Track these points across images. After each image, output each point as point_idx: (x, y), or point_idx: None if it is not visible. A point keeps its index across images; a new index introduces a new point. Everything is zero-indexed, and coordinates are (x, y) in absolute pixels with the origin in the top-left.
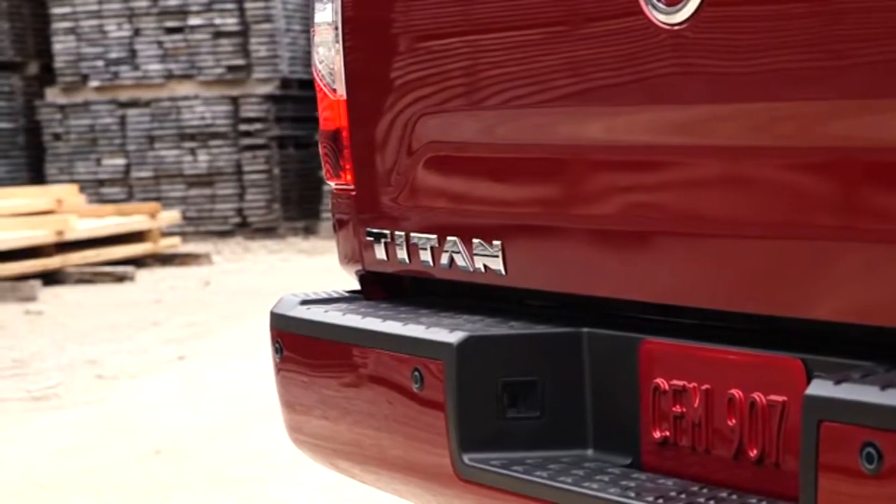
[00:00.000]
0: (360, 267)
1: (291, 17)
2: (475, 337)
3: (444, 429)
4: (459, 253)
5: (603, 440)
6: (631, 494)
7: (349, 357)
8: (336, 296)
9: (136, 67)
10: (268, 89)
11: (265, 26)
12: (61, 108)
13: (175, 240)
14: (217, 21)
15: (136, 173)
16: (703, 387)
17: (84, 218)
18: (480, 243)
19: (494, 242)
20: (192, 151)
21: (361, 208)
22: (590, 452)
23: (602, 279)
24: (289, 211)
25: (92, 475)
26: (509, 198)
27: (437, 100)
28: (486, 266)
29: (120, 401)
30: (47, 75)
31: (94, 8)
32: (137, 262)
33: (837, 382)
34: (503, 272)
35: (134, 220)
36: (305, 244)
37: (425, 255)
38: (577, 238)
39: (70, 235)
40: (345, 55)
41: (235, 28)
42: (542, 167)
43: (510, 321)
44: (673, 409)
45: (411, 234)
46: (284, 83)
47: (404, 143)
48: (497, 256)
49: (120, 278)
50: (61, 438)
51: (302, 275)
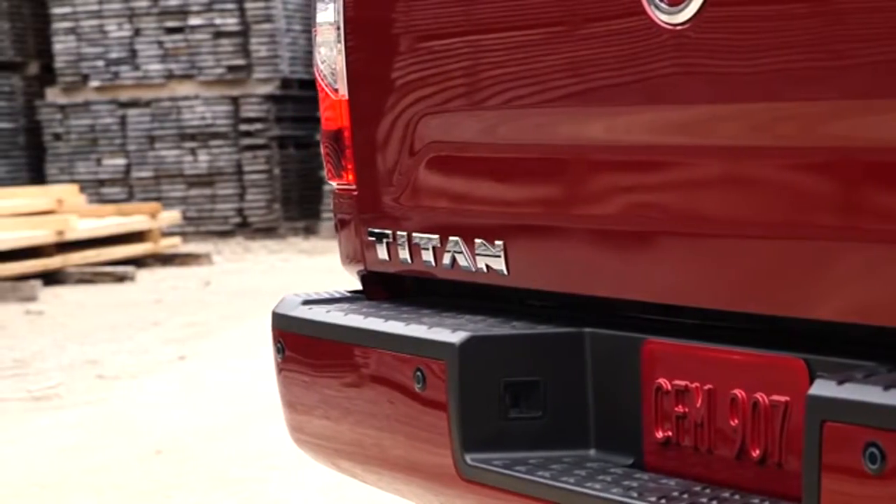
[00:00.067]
0: (362, 267)
1: (292, 17)
2: (477, 337)
3: (447, 429)
4: (461, 253)
5: (605, 440)
6: (633, 494)
7: (351, 357)
8: (338, 296)
9: (136, 67)
10: (268, 89)
11: (265, 26)
12: (62, 108)
13: (175, 240)
14: (217, 21)
15: (136, 173)
16: (706, 387)
17: (84, 218)
18: (483, 243)
19: (497, 242)
20: (192, 151)
21: (363, 208)
22: (592, 452)
23: (604, 279)
24: (289, 211)
25: (93, 475)
26: (512, 198)
27: (440, 100)
28: (488, 266)
29: (120, 401)
30: (48, 75)
31: (94, 8)
32: (138, 262)
33: (840, 382)
34: (505, 272)
35: (134, 220)
36: (306, 244)
37: (427, 255)
38: (580, 238)
39: (70, 235)
40: (347, 55)
41: (236, 28)
42: (544, 167)
43: (512, 321)
44: (675, 409)
45: (413, 234)
46: (285, 83)
47: (406, 143)
48: (499, 256)
49: (120, 278)
50: (62, 438)
51: (302, 275)
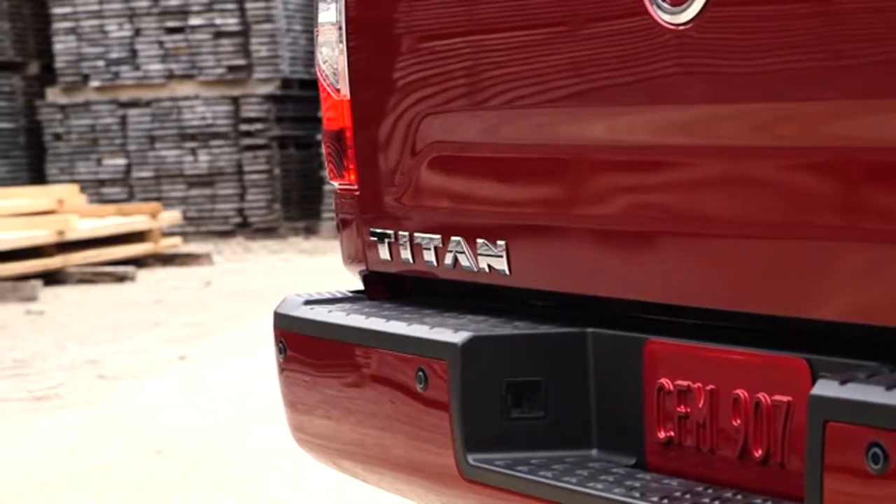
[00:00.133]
0: (363, 267)
1: (292, 17)
2: (479, 337)
3: (449, 429)
4: (463, 253)
5: (607, 440)
6: (636, 494)
7: (353, 357)
8: (339, 296)
9: (136, 67)
10: (268, 89)
11: (266, 26)
12: (62, 108)
13: (176, 240)
14: (218, 21)
15: (136, 173)
16: (708, 387)
17: (85, 218)
18: (484, 243)
19: (499, 242)
20: (192, 151)
21: (365, 208)
22: (594, 452)
23: (606, 279)
24: (289, 211)
25: (93, 475)
26: (514, 198)
27: (441, 100)
28: (490, 266)
29: (121, 401)
30: (48, 75)
31: (94, 8)
32: (138, 262)
33: (843, 382)
34: (507, 272)
35: (135, 220)
36: (306, 244)
37: (429, 255)
38: (582, 238)
39: (71, 235)
40: (348, 55)
41: (236, 28)
42: (546, 167)
43: (514, 321)
44: (677, 409)
45: (415, 234)
46: (285, 83)
47: (408, 143)
48: (501, 256)
49: (121, 278)
50: (63, 438)
51: (303, 275)
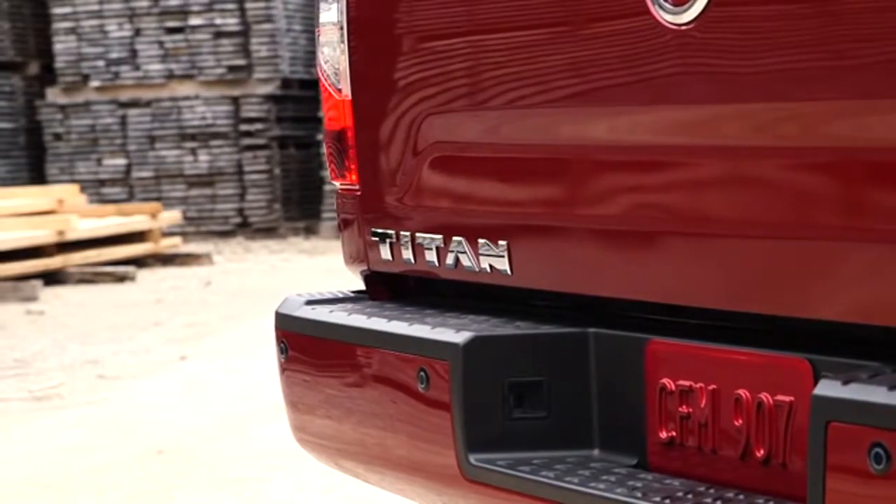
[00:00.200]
0: (365, 267)
1: (292, 17)
2: (481, 337)
3: (450, 429)
4: (465, 253)
5: (609, 440)
6: (638, 494)
7: (354, 357)
8: (341, 296)
9: (136, 67)
10: (269, 89)
11: (266, 26)
12: (62, 108)
13: (176, 240)
14: (218, 21)
15: (136, 173)
16: (710, 387)
17: (85, 218)
18: (486, 243)
19: (500, 242)
20: (192, 151)
21: (366, 208)
22: (596, 453)
23: (608, 279)
24: (290, 211)
25: (94, 475)
26: (515, 198)
27: (443, 100)
28: (491, 266)
29: (122, 401)
30: (48, 75)
31: (94, 8)
32: (138, 262)
33: (845, 383)
34: (509, 272)
35: (135, 220)
36: (306, 244)
37: (431, 256)
38: (584, 238)
39: (71, 235)
40: (350, 55)
41: (236, 28)
42: (548, 167)
43: (516, 321)
44: (679, 409)
45: (417, 234)
46: (285, 83)
47: (409, 143)
48: (503, 256)
49: (121, 278)
50: (63, 438)
51: (303, 275)
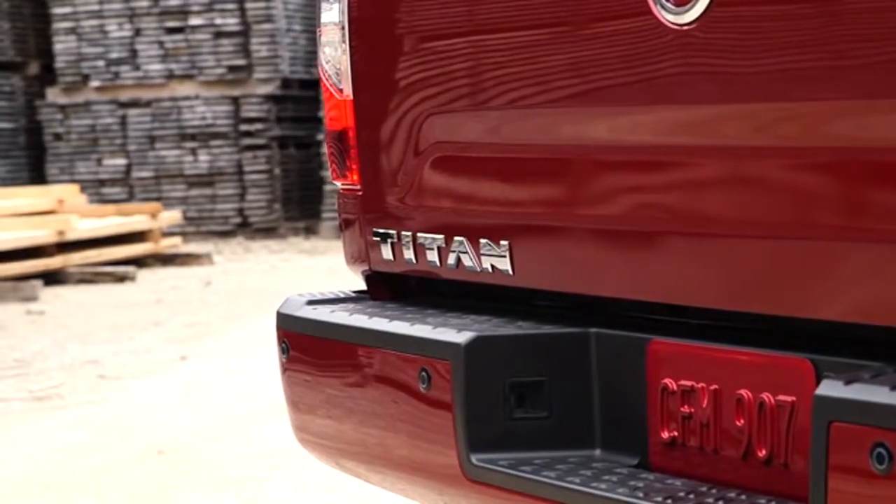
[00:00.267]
0: (366, 267)
1: (292, 17)
2: (483, 337)
3: (452, 429)
4: (466, 253)
5: (611, 440)
6: (639, 494)
7: (356, 357)
8: (342, 296)
9: (136, 67)
10: (269, 89)
11: (266, 26)
12: (62, 108)
13: (176, 240)
14: (218, 21)
15: (136, 173)
16: (712, 387)
17: (85, 218)
18: (488, 243)
19: (502, 242)
20: (192, 151)
21: (368, 208)
22: (597, 452)
23: (610, 279)
24: (290, 211)
25: (94, 475)
26: (517, 198)
27: (445, 100)
28: (493, 266)
29: (122, 401)
30: (48, 75)
31: (94, 8)
32: (138, 262)
33: (847, 383)
34: (510, 272)
35: (135, 220)
36: (306, 244)
37: (432, 256)
38: (585, 238)
39: (71, 235)
40: (351, 55)
41: (236, 28)
42: (550, 167)
43: (518, 321)
44: (681, 409)
45: (418, 234)
46: (285, 83)
47: (411, 143)
48: (504, 256)
49: (121, 278)
50: (64, 438)
51: (303, 275)
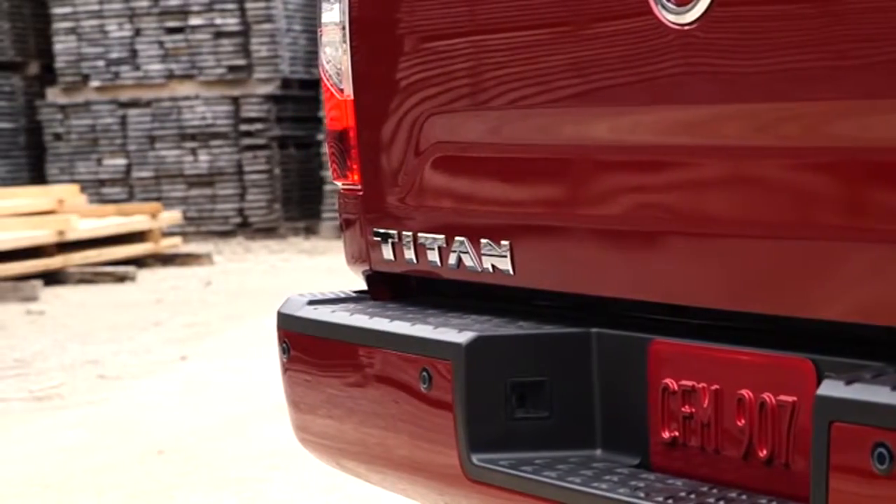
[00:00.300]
0: (367, 267)
1: (292, 17)
2: (484, 337)
3: (453, 429)
4: (467, 253)
5: (611, 440)
6: (640, 494)
7: (357, 357)
8: (343, 296)
9: (136, 67)
10: (269, 89)
11: (266, 26)
12: (62, 108)
13: (176, 240)
14: (218, 21)
15: (136, 173)
16: (713, 387)
17: (85, 218)
18: (488, 243)
19: (503, 242)
20: (192, 151)
21: (368, 208)
22: (598, 452)
23: (611, 279)
24: (290, 211)
25: (95, 475)
26: (518, 198)
27: (445, 100)
28: (494, 266)
29: (122, 401)
30: (48, 75)
31: (94, 8)
32: (138, 262)
33: (848, 383)
34: (511, 272)
35: (135, 220)
36: (306, 244)
37: (433, 256)
38: (586, 238)
39: (71, 235)
40: (352, 55)
41: (236, 28)
42: (550, 167)
43: (518, 321)
44: (682, 409)
45: (419, 234)
46: (285, 83)
47: (412, 143)
48: (505, 256)
49: (121, 278)
50: (64, 438)
51: (303, 275)
